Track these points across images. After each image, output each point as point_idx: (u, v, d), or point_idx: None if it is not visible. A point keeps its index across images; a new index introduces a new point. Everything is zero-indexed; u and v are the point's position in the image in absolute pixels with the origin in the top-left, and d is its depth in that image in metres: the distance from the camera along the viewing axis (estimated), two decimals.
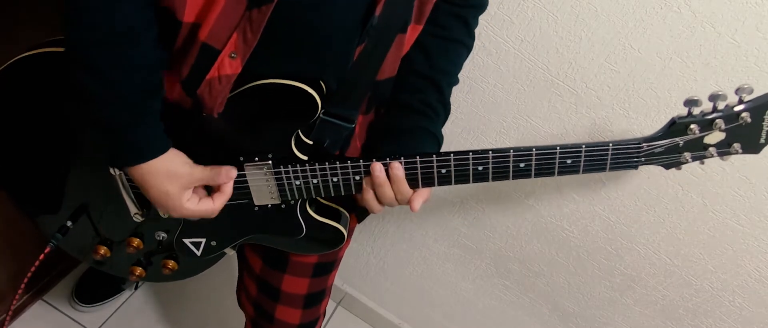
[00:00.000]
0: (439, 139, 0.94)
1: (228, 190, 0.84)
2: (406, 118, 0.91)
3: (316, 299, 1.09)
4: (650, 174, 1.15)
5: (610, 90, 1.08)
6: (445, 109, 0.94)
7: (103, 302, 1.59)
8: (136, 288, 1.66)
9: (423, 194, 0.87)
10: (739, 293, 1.23)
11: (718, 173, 1.09)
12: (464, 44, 0.94)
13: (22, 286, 0.97)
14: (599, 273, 1.35)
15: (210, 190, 0.86)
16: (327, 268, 1.07)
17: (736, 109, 0.78)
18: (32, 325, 1.51)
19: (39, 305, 1.56)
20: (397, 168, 0.83)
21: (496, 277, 1.49)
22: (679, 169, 0.85)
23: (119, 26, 0.70)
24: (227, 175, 0.83)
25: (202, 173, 0.82)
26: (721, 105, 0.79)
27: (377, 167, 0.83)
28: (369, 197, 0.86)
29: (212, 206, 0.84)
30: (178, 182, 0.80)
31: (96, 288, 1.59)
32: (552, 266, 1.39)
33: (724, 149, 0.82)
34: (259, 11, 0.72)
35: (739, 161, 1.05)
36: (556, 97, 1.14)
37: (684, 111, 1.06)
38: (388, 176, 0.84)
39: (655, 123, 1.08)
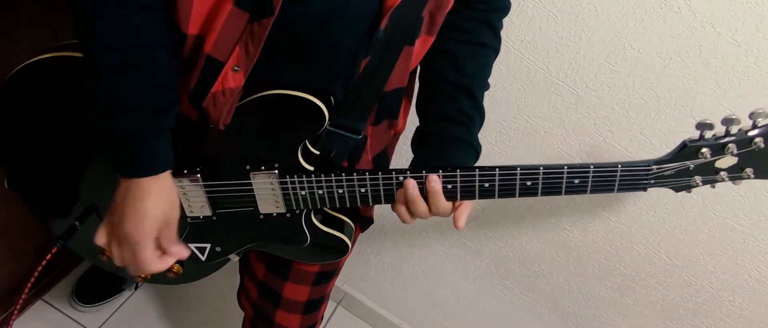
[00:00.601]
0: (476, 148, 0.92)
1: (169, 260, 0.84)
2: (444, 127, 0.90)
3: (315, 306, 1.09)
4: None
5: (610, 90, 1.08)
6: (479, 116, 0.92)
7: (103, 302, 1.59)
8: (135, 288, 1.66)
9: (466, 208, 0.84)
10: (739, 293, 1.23)
11: None
12: (492, 48, 0.92)
13: (28, 286, 0.96)
14: (599, 273, 1.35)
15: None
16: (328, 276, 1.07)
17: (750, 133, 0.76)
18: (32, 325, 1.51)
19: (39, 305, 1.55)
20: (435, 181, 0.81)
21: (496, 277, 1.49)
22: (689, 192, 0.82)
23: (133, 50, 0.70)
24: (183, 250, 0.85)
25: (175, 227, 0.82)
26: (734, 129, 0.76)
27: (411, 184, 0.81)
28: (401, 210, 0.84)
29: (160, 261, 0.83)
30: (163, 209, 0.79)
31: (96, 288, 1.58)
32: (552, 266, 1.39)
33: (735, 174, 0.80)
34: (260, 25, 0.71)
35: None
36: (556, 97, 1.14)
37: (684, 118, 1.06)
38: (424, 189, 0.82)
39: (655, 123, 1.08)
